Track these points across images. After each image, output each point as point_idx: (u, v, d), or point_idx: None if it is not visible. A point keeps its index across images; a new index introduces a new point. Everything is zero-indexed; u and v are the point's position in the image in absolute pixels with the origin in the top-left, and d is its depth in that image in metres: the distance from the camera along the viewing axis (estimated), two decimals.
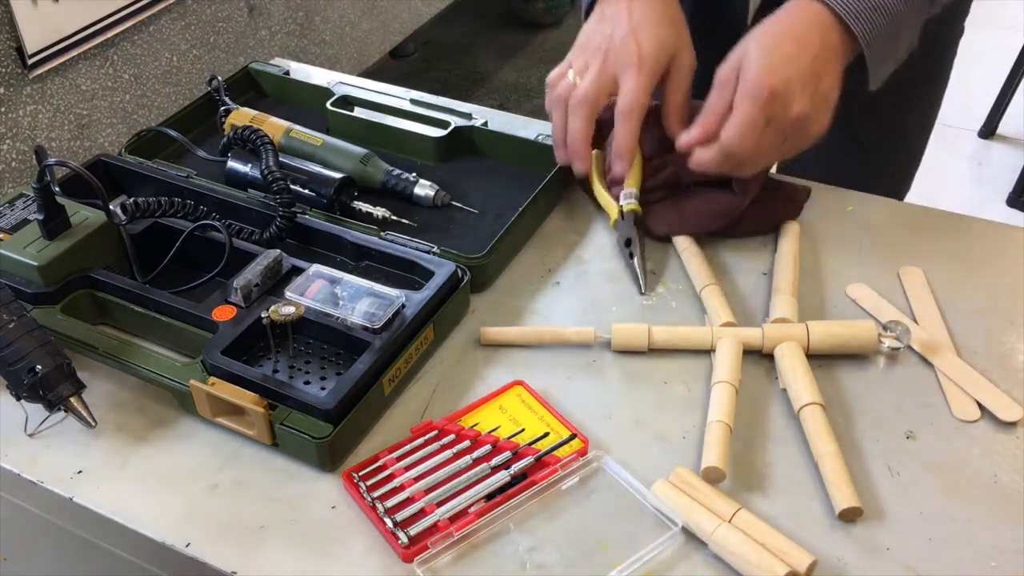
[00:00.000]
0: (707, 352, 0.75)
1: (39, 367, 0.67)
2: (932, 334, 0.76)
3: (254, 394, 0.67)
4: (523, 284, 0.83)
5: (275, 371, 0.73)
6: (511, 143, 0.96)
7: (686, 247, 0.84)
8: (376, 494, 0.64)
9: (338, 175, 0.89)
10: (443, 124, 0.98)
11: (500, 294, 0.82)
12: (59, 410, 0.68)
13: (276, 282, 0.77)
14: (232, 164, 0.91)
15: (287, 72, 1.08)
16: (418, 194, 0.90)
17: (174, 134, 0.96)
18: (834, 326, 0.74)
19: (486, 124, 0.98)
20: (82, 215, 0.79)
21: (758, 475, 0.66)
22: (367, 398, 0.68)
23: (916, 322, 0.78)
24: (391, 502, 0.63)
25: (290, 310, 0.72)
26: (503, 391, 0.72)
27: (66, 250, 0.77)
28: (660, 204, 0.88)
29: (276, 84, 1.08)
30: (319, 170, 0.90)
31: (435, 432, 0.68)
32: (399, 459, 0.67)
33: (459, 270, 0.78)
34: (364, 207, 0.89)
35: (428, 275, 0.77)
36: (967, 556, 0.61)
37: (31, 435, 0.70)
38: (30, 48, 1.50)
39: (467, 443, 0.67)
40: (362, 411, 0.68)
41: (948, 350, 0.75)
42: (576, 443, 0.67)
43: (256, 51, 2.06)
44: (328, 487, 0.66)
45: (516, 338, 0.77)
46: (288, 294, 0.74)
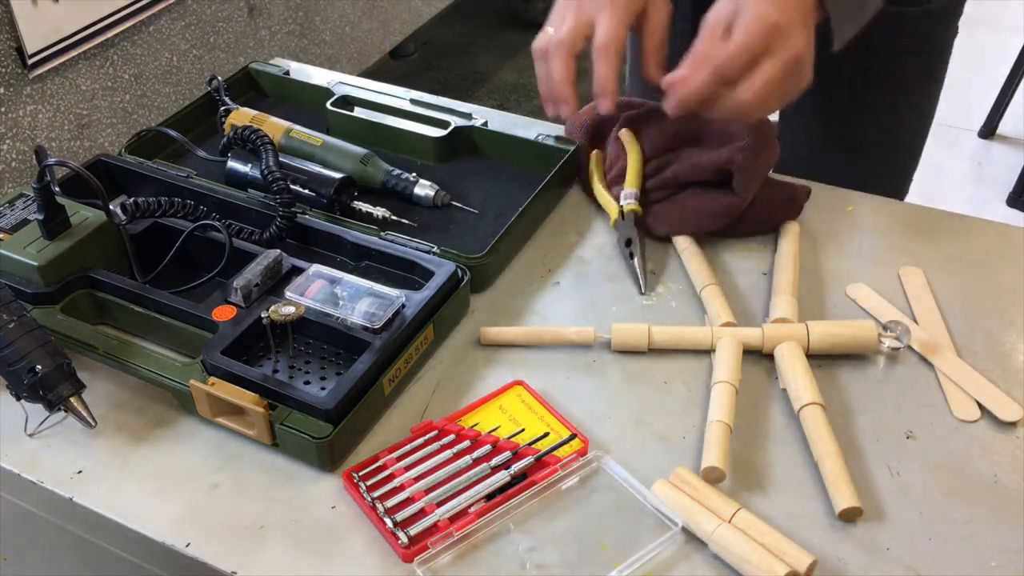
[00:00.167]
0: (707, 352, 0.75)
1: (39, 367, 0.67)
2: (932, 334, 0.76)
3: (254, 394, 0.67)
4: (523, 284, 0.83)
5: (275, 371, 0.73)
6: (511, 143, 0.96)
7: (686, 247, 0.84)
8: (376, 494, 0.64)
9: (338, 175, 0.89)
10: (443, 124, 0.98)
11: (500, 294, 0.82)
12: (59, 410, 0.68)
13: (276, 282, 0.77)
14: (232, 164, 0.91)
15: (287, 72, 1.08)
16: (418, 194, 0.90)
17: (174, 134, 0.96)
18: (834, 326, 0.74)
19: (486, 124, 0.98)
20: (82, 215, 0.79)
21: (758, 475, 0.66)
22: (367, 398, 0.68)
23: (916, 322, 0.78)
24: (391, 502, 0.63)
25: (290, 310, 0.72)
26: (503, 391, 0.72)
27: (66, 250, 0.77)
28: (660, 204, 0.88)
29: (276, 84, 1.08)
30: (319, 170, 0.90)
31: (435, 432, 0.68)
32: (399, 459, 0.67)
33: (459, 270, 0.78)
34: (364, 207, 0.89)
35: (428, 275, 0.77)
36: (967, 556, 0.61)
37: (31, 435, 0.70)
38: (30, 48, 1.50)
39: (467, 443, 0.67)
40: (362, 411, 0.68)
41: (948, 350, 0.75)
42: (576, 443, 0.67)
43: (256, 51, 2.06)
44: (328, 487, 0.66)
45: (516, 338, 0.77)
46: (288, 294, 0.74)
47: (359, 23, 2.44)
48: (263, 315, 0.72)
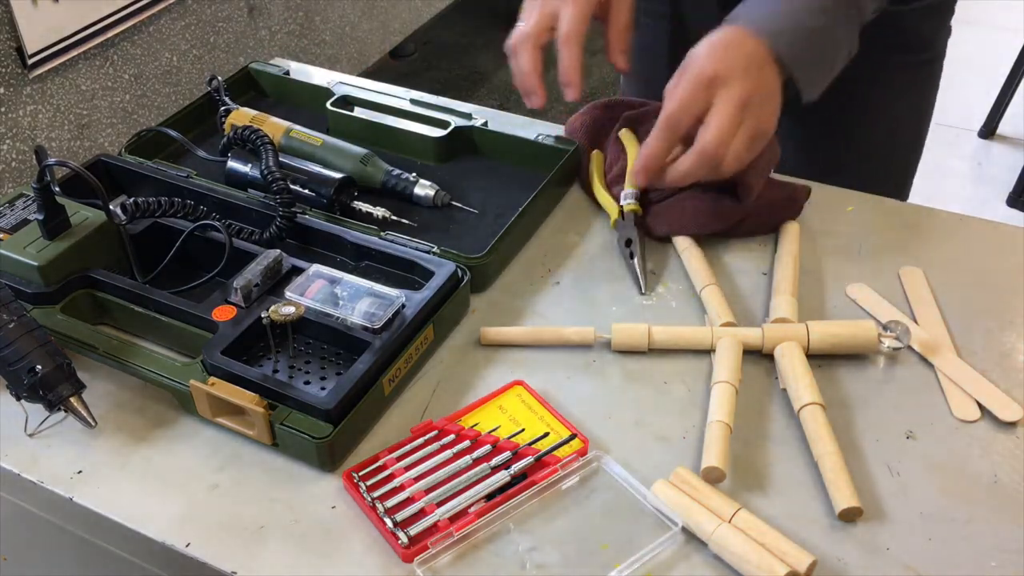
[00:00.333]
0: (707, 352, 0.75)
1: (39, 367, 0.67)
2: (932, 334, 0.76)
3: (254, 394, 0.67)
4: (523, 284, 0.83)
5: (275, 371, 0.73)
6: (511, 143, 0.96)
7: (686, 247, 0.84)
8: (376, 494, 0.64)
9: (338, 175, 0.89)
10: (443, 124, 0.98)
11: (500, 294, 0.82)
12: (59, 410, 0.68)
13: (276, 282, 0.77)
14: (232, 164, 0.91)
15: (287, 72, 1.08)
16: (418, 194, 0.90)
17: (174, 134, 0.96)
18: (834, 326, 0.74)
19: (486, 124, 0.98)
20: (82, 215, 0.79)
21: (758, 475, 0.66)
22: (367, 398, 0.68)
23: (916, 322, 0.78)
24: (391, 502, 0.63)
25: (290, 310, 0.72)
26: (503, 391, 0.72)
27: (66, 250, 0.77)
28: (660, 204, 0.88)
29: (276, 84, 1.08)
30: (319, 170, 0.90)
31: (435, 432, 0.68)
32: (399, 459, 0.67)
33: (459, 270, 0.78)
34: (364, 207, 0.89)
35: (428, 275, 0.77)
36: (967, 556, 0.61)
37: (31, 435, 0.70)
38: (30, 48, 1.50)
39: (467, 443, 0.67)
40: (362, 411, 0.68)
41: (948, 350, 0.75)
42: (576, 443, 0.67)
43: (256, 51, 2.06)
44: (328, 487, 0.66)
45: (516, 338, 0.77)
46: (288, 294, 0.74)
47: (359, 23, 2.44)
48: (263, 315, 0.72)
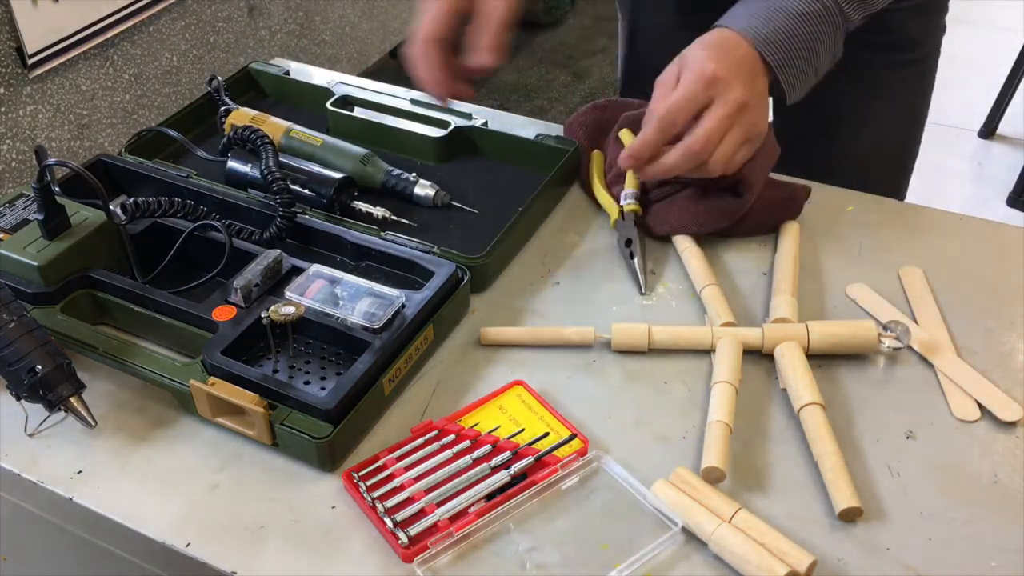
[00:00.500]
0: (707, 352, 0.75)
1: (39, 367, 0.67)
2: (932, 334, 0.76)
3: (254, 394, 0.67)
4: (523, 284, 0.83)
5: (275, 371, 0.73)
6: (511, 143, 0.96)
7: (686, 247, 0.84)
8: (376, 494, 0.64)
9: (338, 175, 0.89)
10: (443, 124, 0.98)
11: (500, 294, 0.82)
12: (59, 410, 0.68)
13: (276, 282, 0.77)
14: (232, 164, 0.91)
15: (287, 72, 1.08)
16: (418, 194, 0.90)
17: (174, 134, 0.96)
18: (834, 326, 0.74)
19: (486, 124, 0.98)
20: (82, 215, 0.79)
21: (758, 475, 0.66)
22: (367, 398, 0.68)
23: (916, 322, 0.78)
24: (391, 502, 0.63)
25: (290, 310, 0.72)
26: (503, 391, 0.72)
27: (66, 250, 0.77)
28: (660, 204, 0.88)
29: (276, 84, 1.08)
30: (319, 170, 0.90)
31: (435, 432, 0.68)
32: (399, 459, 0.67)
33: (459, 270, 0.78)
34: (364, 207, 0.89)
35: (428, 275, 0.77)
36: (967, 556, 0.61)
37: (31, 435, 0.70)
38: (30, 48, 1.50)
39: (467, 443, 0.67)
40: (362, 411, 0.68)
41: (948, 350, 0.75)
42: (576, 443, 0.67)
43: (256, 51, 2.06)
44: (328, 487, 0.66)
45: (516, 338, 0.77)
46: (288, 294, 0.74)
47: (359, 23, 2.44)
48: (263, 315, 0.72)
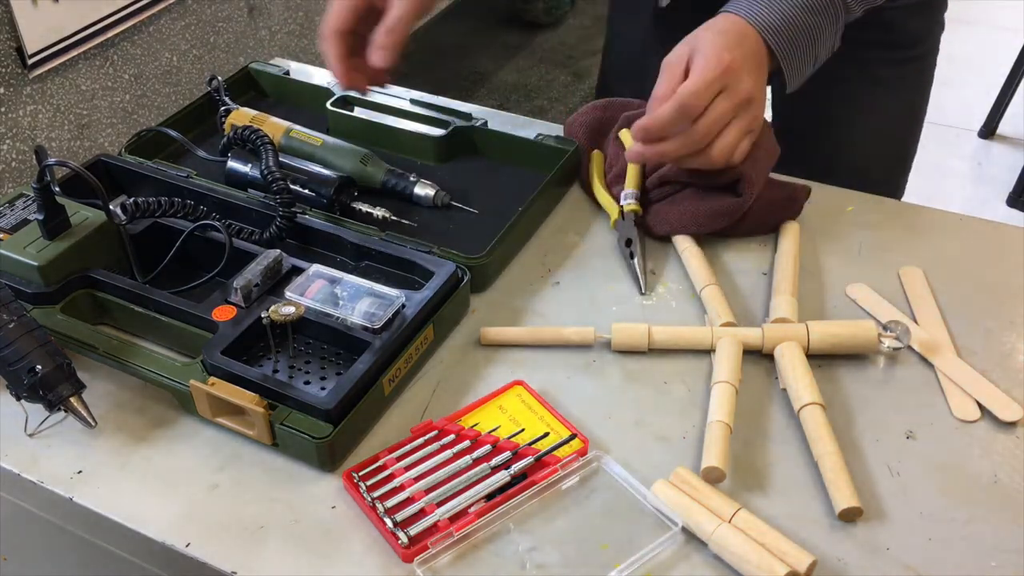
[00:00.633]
0: (707, 352, 0.75)
1: (39, 367, 0.67)
2: (932, 334, 0.76)
3: (254, 394, 0.67)
4: (523, 284, 0.83)
5: (275, 371, 0.73)
6: (511, 143, 0.96)
7: (686, 247, 0.84)
8: (376, 494, 0.64)
9: (338, 175, 0.89)
10: (443, 124, 0.98)
11: (500, 294, 0.82)
12: (59, 410, 0.68)
13: (276, 282, 0.77)
14: (232, 164, 0.91)
15: (287, 72, 1.08)
16: (418, 194, 0.90)
17: (174, 134, 0.96)
18: (834, 326, 0.74)
19: (486, 124, 0.98)
20: (82, 215, 0.79)
21: (758, 475, 0.66)
22: (367, 398, 0.68)
23: (916, 322, 0.78)
24: (391, 502, 0.63)
25: (290, 310, 0.72)
26: (503, 391, 0.72)
27: (66, 250, 0.77)
28: (660, 204, 0.88)
29: (276, 84, 1.08)
30: (319, 170, 0.90)
31: (435, 432, 0.68)
32: (399, 459, 0.67)
33: (459, 270, 0.78)
34: (364, 207, 0.89)
35: (428, 275, 0.77)
36: (967, 556, 0.61)
37: (31, 435, 0.70)
38: (30, 48, 1.50)
39: (467, 443, 0.67)
40: (362, 411, 0.68)
41: (948, 350, 0.75)
42: (576, 443, 0.67)
43: (256, 51, 2.06)
44: (328, 487, 0.66)
45: (516, 338, 0.77)
46: (288, 294, 0.74)
47: None
48: (263, 315, 0.72)
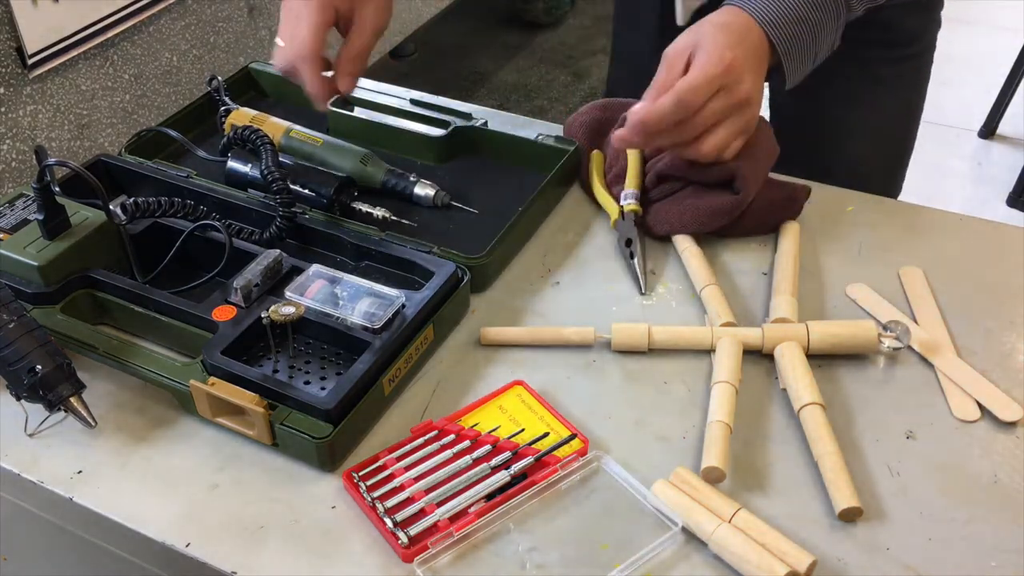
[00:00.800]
0: (707, 352, 0.75)
1: (39, 367, 0.67)
2: (932, 334, 0.76)
3: (254, 394, 0.67)
4: (523, 284, 0.83)
5: (275, 371, 0.73)
6: (511, 143, 0.96)
7: (686, 247, 0.84)
8: (376, 494, 0.64)
9: (338, 175, 0.89)
10: (443, 124, 0.98)
11: (500, 294, 0.82)
12: (59, 410, 0.69)
13: (276, 282, 0.77)
14: (232, 164, 0.91)
15: None
16: (418, 194, 0.90)
17: (174, 134, 0.96)
18: (834, 326, 0.74)
19: (486, 124, 0.98)
20: (82, 215, 0.79)
21: (758, 475, 0.66)
22: (367, 398, 0.68)
23: (916, 322, 0.78)
24: (391, 502, 0.63)
25: (290, 310, 0.72)
26: (503, 391, 0.72)
27: (66, 250, 0.77)
28: (660, 204, 0.88)
29: (276, 84, 1.08)
30: (319, 170, 0.90)
31: (435, 432, 0.68)
32: (399, 459, 0.67)
33: (459, 270, 0.78)
34: (364, 207, 0.89)
35: (428, 275, 0.77)
36: (967, 556, 0.61)
37: (31, 435, 0.70)
38: (30, 48, 1.50)
39: (467, 443, 0.67)
40: (362, 411, 0.68)
41: (948, 350, 0.75)
42: (576, 443, 0.67)
43: (256, 51, 2.06)
44: (328, 487, 0.66)
45: (516, 338, 0.77)
46: (288, 294, 0.74)
47: None
48: (263, 315, 0.72)
